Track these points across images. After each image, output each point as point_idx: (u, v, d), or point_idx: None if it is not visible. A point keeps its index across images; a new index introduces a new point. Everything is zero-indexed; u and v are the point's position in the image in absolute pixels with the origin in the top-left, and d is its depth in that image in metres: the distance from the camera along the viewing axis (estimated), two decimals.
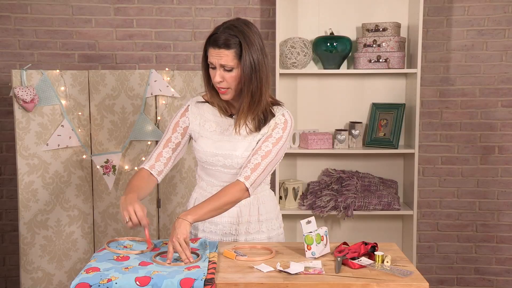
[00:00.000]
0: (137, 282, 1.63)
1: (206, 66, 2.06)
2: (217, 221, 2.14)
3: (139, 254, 1.90)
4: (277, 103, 2.14)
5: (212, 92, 2.11)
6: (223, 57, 1.97)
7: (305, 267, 1.78)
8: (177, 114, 2.20)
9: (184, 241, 1.83)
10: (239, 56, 1.98)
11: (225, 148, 2.09)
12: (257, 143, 2.08)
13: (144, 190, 2.07)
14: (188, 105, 2.20)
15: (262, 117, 2.07)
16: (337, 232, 3.71)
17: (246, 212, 2.15)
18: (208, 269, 1.72)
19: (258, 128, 2.07)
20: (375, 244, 1.93)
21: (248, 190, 2.00)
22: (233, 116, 2.13)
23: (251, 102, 2.03)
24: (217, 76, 2.00)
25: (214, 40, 1.98)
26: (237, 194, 1.99)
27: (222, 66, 1.99)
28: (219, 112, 2.13)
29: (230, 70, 2.00)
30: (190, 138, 2.21)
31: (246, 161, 2.04)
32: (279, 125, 2.08)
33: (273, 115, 2.08)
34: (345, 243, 2.02)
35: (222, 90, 2.04)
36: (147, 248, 1.94)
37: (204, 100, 2.19)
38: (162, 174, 2.15)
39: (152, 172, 2.13)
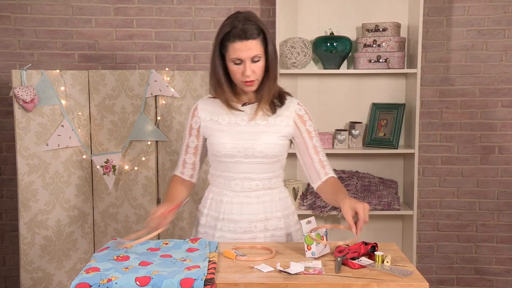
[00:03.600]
0: (137, 282, 1.63)
1: (220, 64, 2.07)
2: (236, 219, 2.14)
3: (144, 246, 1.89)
4: (286, 92, 2.21)
5: (225, 88, 2.11)
6: (252, 48, 2.00)
7: (305, 267, 1.78)
8: (188, 117, 2.24)
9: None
10: (264, 44, 2.04)
11: (245, 138, 2.11)
12: (300, 141, 2.16)
13: (180, 195, 2.20)
14: (197, 105, 2.21)
15: (277, 100, 2.14)
16: (337, 232, 3.71)
17: (265, 209, 2.16)
18: (208, 269, 1.72)
19: (274, 110, 2.13)
20: (375, 244, 1.93)
21: None
22: (243, 106, 2.15)
23: (273, 86, 2.11)
24: (248, 70, 2.02)
25: (240, 33, 1.99)
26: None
27: (252, 58, 2.01)
28: (228, 108, 2.14)
29: (258, 61, 2.04)
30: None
31: (316, 160, 2.16)
32: (304, 116, 2.17)
33: (285, 99, 2.17)
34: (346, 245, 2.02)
35: (250, 82, 2.06)
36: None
37: (213, 97, 2.20)
38: (194, 176, 2.26)
39: (183, 177, 2.25)
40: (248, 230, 2.14)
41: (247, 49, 2.00)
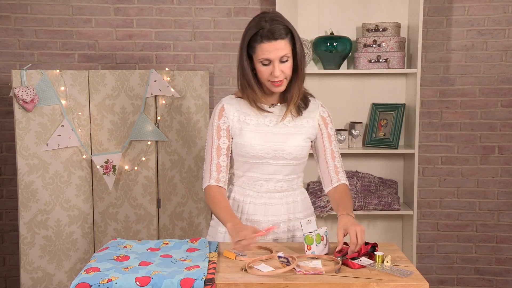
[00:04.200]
0: (137, 282, 1.63)
1: (248, 65, 2.06)
2: (260, 219, 2.15)
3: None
4: (309, 93, 2.21)
5: (255, 89, 2.08)
6: (281, 48, 1.99)
7: (305, 267, 1.78)
8: (213, 118, 2.15)
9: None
10: (292, 44, 2.03)
11: (274, 140, 2.10)
12: (319, 143, 2.18)
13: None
14: (223, 105, 2.16)
15: (302, 102, 2.15)
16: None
17: (288, 210, 2.17)
18: (208, 269, 1.72)
19: (300, 112, 2.13)
20: (375, 244, 1.93)
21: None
22: (271, 107, 2.14)
23: (301, 86, 2.10)
24: (277, 71, 2.01)
25: (268, 34, 1.98)
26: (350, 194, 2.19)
27: (280, 58, 2.00)
28: (257, 110, 2.12)
29: (286, 61, 2.03)
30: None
31: (331, 166, 2.17)
32: (327, 119, 2.20)
33: (309, 100, 2.17)
34: (345, 243, 2.01)
35: (279, 82, 2.04)
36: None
37: (238, 96, 2.17)
38: (227, 182, 2.14)
39: (219, 184, 2.10)
40: (271, 231, 2.14)
41: (276, 50, 1.99)
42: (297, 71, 2.07)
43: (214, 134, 2.13)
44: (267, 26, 1.99)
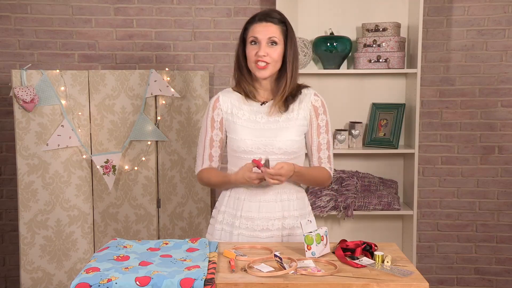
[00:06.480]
0: (137, 282, 1.63)
1: (242, 48, 2.14)
2: (254, 216, 2.16)
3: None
4: (303, 85, 2.23)
5: (243, 75, 2.17)
6: (271, 30, 2.09)
7: (300, 268, 1.78)
8: (208, 109, 2.22)
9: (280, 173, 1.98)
10: (284, 34, 2.11)
11: (265, 135, 2.13)
12: (308, 135, 2.18)
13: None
14: (218, 96, 2.22)
15: (291, 96, 2.17)
16: (337, 232, 3.71)
17: (283, 207, 2.18)
18: (208, 269, 1.72)
19: (287, 107, 2.15)
20: (371, 244, 1.93)
21: (331, 181, 2.21)
22: (263, 104, 2.18)
23: (291, 81, 2.14)
24: (262, 50, 2.08)
25: (262, 15, 2.11)
26: (327, 180, 2.20)
27: (269, 38, 2.08)
28: (245, 98, 2.18)
29: (275, 44, 2.09)
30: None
31: (315, 158, 2.20)
32: (319, 109, 2.20)
33: (300, 93, 2.18)
34: (344, 240, 2.02)
35: (263, 65, 2.09)
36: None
37: (233, 90, 2.23)
38: (219, 168, 2.26)
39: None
40: (265, 228, 2.15)
41: (265, 30, 2.08)
42: (286, 63, 2.12)
43: (208, 126, 2.21)
44: (264, 12, 2.13)
